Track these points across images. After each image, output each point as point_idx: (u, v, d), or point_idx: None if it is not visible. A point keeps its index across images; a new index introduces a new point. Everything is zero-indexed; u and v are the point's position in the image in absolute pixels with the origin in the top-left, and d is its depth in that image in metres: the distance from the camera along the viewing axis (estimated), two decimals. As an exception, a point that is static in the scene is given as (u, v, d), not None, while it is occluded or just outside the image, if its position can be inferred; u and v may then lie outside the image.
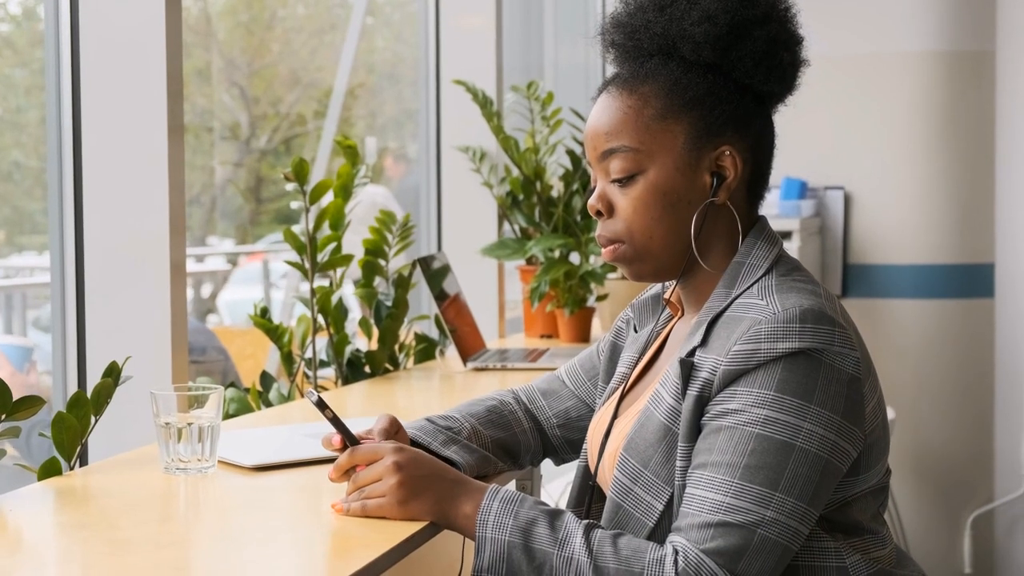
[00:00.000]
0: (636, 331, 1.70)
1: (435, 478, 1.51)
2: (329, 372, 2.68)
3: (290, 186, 2.48)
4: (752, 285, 1.51)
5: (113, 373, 1.78)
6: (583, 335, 3.22)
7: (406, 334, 2.80)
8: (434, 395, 2.61)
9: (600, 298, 3.21)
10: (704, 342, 1.50)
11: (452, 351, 2.83)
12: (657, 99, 1.54)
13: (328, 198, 2.57)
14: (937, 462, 4.49)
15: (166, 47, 2.16)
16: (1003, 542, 4.54)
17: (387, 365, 2.74)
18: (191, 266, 8.16)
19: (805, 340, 1.44)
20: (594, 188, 1.59)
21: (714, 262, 1.56)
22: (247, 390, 2.50)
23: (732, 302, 1.51)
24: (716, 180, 1.55)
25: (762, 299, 1.48)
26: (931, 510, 4.50)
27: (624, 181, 1.55)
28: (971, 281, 4.47)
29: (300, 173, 2.45)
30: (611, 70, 1.65)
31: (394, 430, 1.62)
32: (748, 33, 1.54)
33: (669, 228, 1.54)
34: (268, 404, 2.50)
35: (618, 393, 1.64)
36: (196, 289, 8.49)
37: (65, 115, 2.23)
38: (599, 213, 1.58)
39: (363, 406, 2.43)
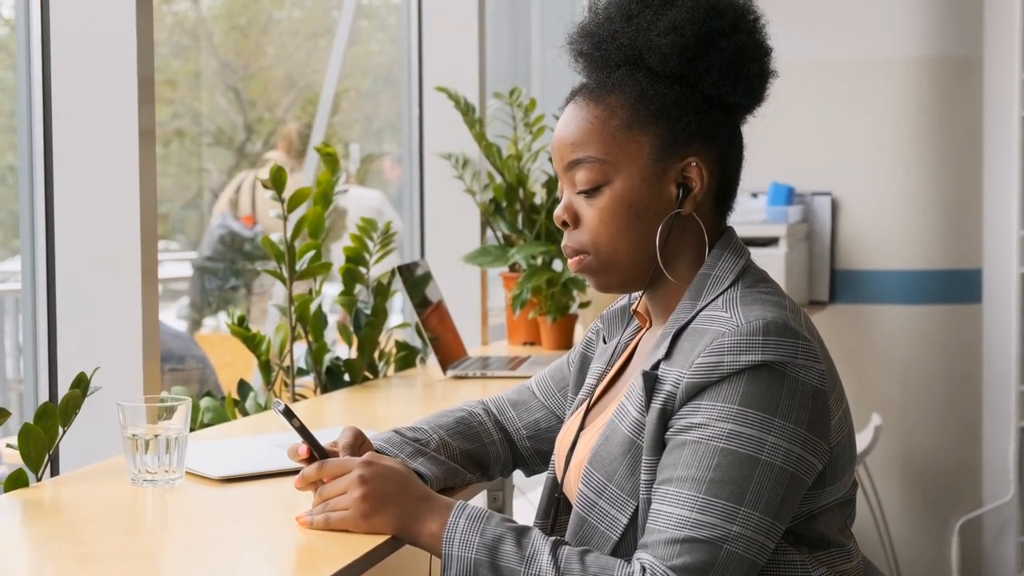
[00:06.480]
0: (605, 342, 1.69)
1: (400, 494, 1.49)
2: (308, 380, 2.67)
3: (268, 194, 2.48)
4: (717, 297, 1.50)
5: (81, 384, 1.77)
6: (565, 342, 3.21)
7: (386, 342, 2.79)
8: (414, 403, 2.59)
9: (582, 305, 3.20)
10: (668, 354, 1.48)
11: (433, 359, 2.83)
12: (623, 110, 1.53)
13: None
14: (925, 468, 4.48)
15: (137, 51, 2.15)
16: (991, 548, 4.53)
17: (367, 373, 2.73)
18: (183, 270, 8.13)
19: (768, 353, 1.42)
20: (561, 198, 1.58)
21: (680, 273, 1.55)
22: (223, 399, 2.49)
23: (697, 314, 1.50)
24: (682, 191, 1.54)
25: (726, 311, 1.47)
26: (919, 516, 4.49)
27: (590, 192, 1.54)
28: (959, 286, 4.46)
29: (278, 181, 2.44)
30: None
31: (358, 444, 1.61)
32: (715, 44, 1.52)
33: (634, 239, 1.53)
34: (245, 413, 2.49)
35: (585, 405, 1.63)
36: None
37: (36, 121, 2.22)
38: (565, 224, 1.57)
39: (342, 415, 2.41)
